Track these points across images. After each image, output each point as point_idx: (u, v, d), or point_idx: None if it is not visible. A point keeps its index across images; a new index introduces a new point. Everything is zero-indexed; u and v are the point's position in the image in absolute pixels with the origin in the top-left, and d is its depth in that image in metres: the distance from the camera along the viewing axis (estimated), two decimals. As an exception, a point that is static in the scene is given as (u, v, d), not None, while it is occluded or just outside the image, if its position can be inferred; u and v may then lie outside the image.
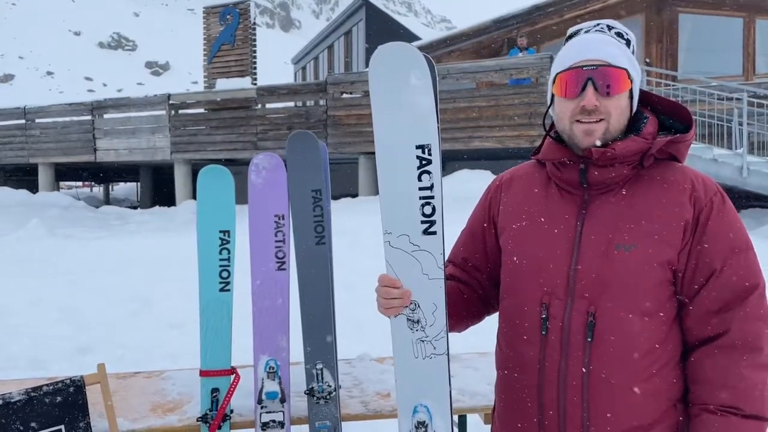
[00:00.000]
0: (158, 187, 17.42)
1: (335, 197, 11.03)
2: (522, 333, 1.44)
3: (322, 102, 12.60)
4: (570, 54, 1.43)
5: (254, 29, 14.39)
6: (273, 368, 2.22)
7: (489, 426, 2.47)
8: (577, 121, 1.41)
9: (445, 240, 1.53)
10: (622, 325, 1.34)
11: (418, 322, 1.53)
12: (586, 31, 1.47)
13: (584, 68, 1.39)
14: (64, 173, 17.96)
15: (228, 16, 14.31)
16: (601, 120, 1.39)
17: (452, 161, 12.63)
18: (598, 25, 1.46)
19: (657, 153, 1.41)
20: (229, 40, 14.35)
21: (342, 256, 7.01)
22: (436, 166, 1.50)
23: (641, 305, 1.34)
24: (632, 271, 1.34)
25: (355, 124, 11.90)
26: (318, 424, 2.19)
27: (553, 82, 1.46)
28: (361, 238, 8.10)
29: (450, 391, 1.56)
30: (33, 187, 15.84)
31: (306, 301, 2.21)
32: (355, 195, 11.90)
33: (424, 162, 1.50)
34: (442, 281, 1.51)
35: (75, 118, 15.25)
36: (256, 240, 2.28)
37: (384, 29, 23.55)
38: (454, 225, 1.99)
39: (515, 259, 1.48)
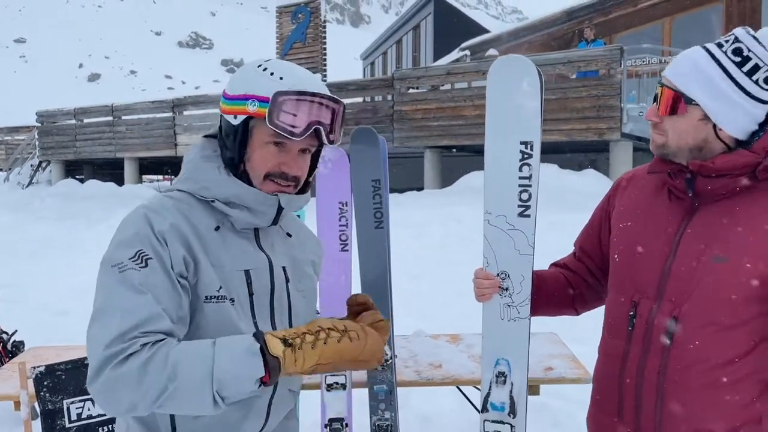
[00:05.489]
0: (233, 180, 18.15)
1: (401, 190, 11.26)
2: (614, 325, 1.57)
3: (389, 97, 12.82)
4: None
5: (324, 27, 14.81)
6: (337, 338, 2.48)
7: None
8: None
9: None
10: (700, 334, 1.37)
11: (506, 289, 1.79)
12: (704, 46, 1.44)
13: (659, 84, 1.46)
14: (146, 167, 19.05)
15: (300, 15, 14.80)
16: (661, 134, 1.45)
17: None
18: (730, 38, 1.39)
19: None
20: (301, 38, 14.84)
21: (407, 247, 7.26)
22: (535, 160, 1.77)
23: (723, 318, 1.36)
24: (720, 283, 1.35)
25: (422, 119, 12.07)
26: (376, 387, 2.46)
27: None
28: (427, 230, 8.30)
29: (528, 350, 1.82)
30: (118, 180, 16.92)
31: (366, 278, 2.46)
32: (420, 188, 12.11)
33: (525, 156, 1.78)
34: (531, 257, 1.77)
35: (158, 115, 16.16)
36: (322, 224, 2.55)
37: (452, 23, 23.55)
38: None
39: (616, 257, 1.59)
